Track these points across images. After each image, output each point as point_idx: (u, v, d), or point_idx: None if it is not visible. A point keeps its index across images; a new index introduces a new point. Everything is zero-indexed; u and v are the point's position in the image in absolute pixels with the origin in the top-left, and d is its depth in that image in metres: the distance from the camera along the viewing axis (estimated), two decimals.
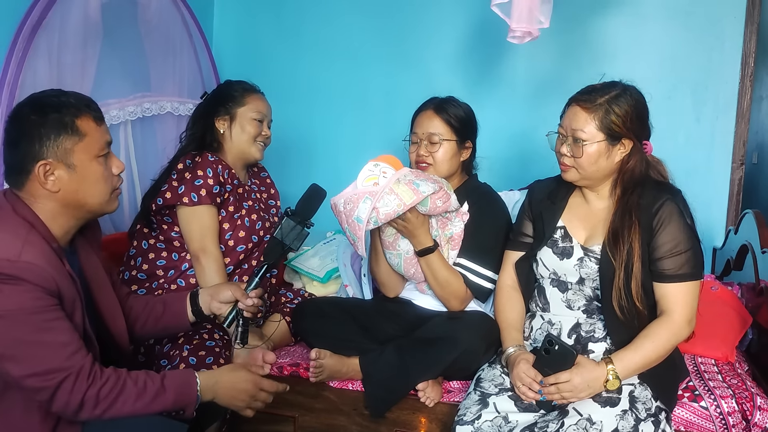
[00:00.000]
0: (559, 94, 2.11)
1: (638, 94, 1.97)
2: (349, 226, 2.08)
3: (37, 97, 1.63)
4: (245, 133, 2.45)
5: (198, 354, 2.14)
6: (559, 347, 1.83)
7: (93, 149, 1.62)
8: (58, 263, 1.57)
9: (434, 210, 2.14)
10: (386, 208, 2.04)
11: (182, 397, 1.64)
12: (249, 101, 2.46)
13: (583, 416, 1.80)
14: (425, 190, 2.07)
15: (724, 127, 3.16)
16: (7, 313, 1.46)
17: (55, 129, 1.57)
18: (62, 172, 1.59)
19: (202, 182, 2.32)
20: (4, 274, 1.45)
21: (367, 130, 3.46)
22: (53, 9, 2.34)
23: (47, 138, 1.56)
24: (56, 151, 1.57)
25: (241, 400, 1.76)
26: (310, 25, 3.57)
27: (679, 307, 1.87)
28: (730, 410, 1.97)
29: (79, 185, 1.61)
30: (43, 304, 1.49)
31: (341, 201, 2.10)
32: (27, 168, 1.57)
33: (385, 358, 2.16)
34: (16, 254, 1.48)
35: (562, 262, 2.03)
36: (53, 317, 1.51)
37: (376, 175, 2.10)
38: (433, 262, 2.20)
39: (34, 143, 1.56)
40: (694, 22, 3.13)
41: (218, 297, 1.91)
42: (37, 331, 1.48)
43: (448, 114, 2.31)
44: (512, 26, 2.49)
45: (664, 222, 1.89)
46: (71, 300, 1.58)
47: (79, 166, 1.60)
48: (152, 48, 2.94)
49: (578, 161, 1.95)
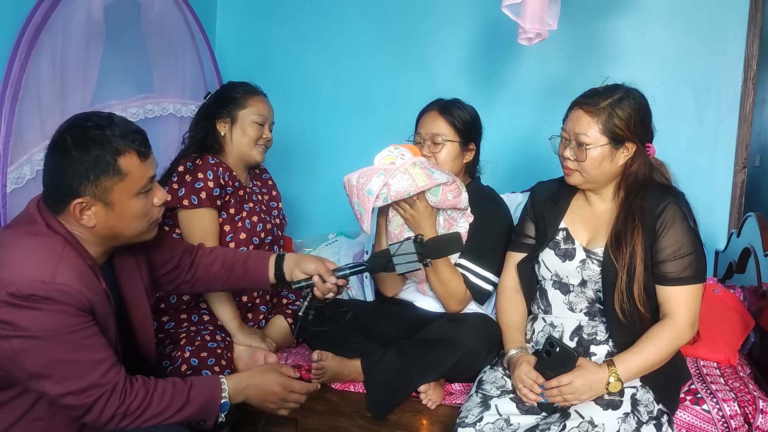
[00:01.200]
0: (562, 97, 2.11)
1: (641, 97, 1.97)
2: (359, 200, 2.08)
3: (81, 126, 1.56)
4: (246, 136, 2.44)
5: (200, 355, 2.14)
6: (560, 349, 1.83)
7: (134, 188, 1.58)
8: (93, 280, 1.57)
9: (444, 202, 2.15)
10: (398, 186, 2.05)
11: (205, 410, 1.65)
12: (250, 104, 2.46)
13: (585, 419, 1.80)
14: (439, 178, 2.10)
15: (727, 130, 3.17)
16: (43, 334, 1.46)
17: (95, 168, 1.52)
18: (99, 209, 1.56)
19: (203, 185, 2.32)
20: (38, 296, 1.45)
21: (370, 131, 3.45)
22: (56, 10, 2.34)
23: (86, 177, 1.52)
24: (94, 190, 1.54)
25: (272, 402, 1.77)
26: (312, 26, 3.58)
27: (682, 310, 1.87)
28: (733, 413, 1.97)
29: (115, 221, 1.59)
30: (77, 322, 1.49)
31: (355, 176, 2.10)
32: (64, 200, 1.55)
33: (387, 360, 2.15)
34: (50, 275, 1.47)
35: (564, 264, 2.03)
36: (88, 334, 1.51)
37: (394, 156, 2.12)
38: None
39: (74, 180, 1.53)
40: (696, 25, 3.13)
41: (302, 266, 1.91)
42: (73, 349, 1.49)
43: (452, 115, 2.31)
44: (526, 27, 2.48)
45: (667, 225, 1.89)
46: (104, 316, 1.59)
47: (117, 204, 1.57)
48: (155, 49, 2.95)
49: (582, 165, 1.95)
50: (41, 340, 1.46)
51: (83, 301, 1.50)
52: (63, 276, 1.48)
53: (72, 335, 1.48)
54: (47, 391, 1.49)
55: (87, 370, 1.50)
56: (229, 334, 2.32)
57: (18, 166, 2.26)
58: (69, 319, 1.48)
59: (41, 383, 1.48)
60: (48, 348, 1.46)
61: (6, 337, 1.45)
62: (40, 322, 1.45)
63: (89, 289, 1.53)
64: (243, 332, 2.31)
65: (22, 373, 1.49)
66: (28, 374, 1.48)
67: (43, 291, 1.45)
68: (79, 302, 1.49)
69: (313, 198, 3.61)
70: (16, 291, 1.44)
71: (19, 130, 2.25)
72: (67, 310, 1.47)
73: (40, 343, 1.46)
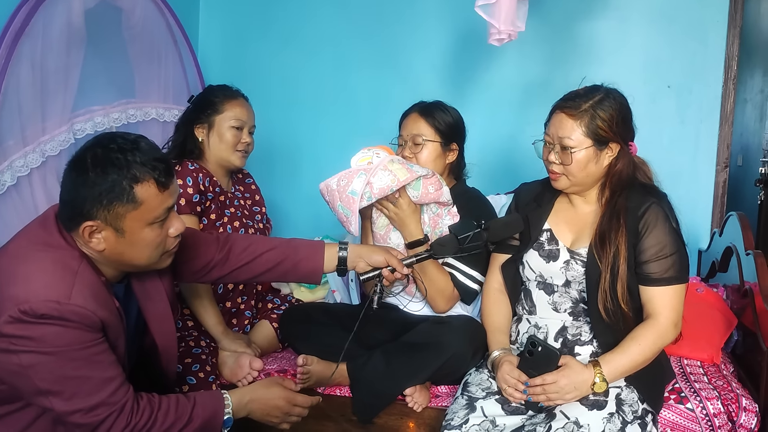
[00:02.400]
0: (544, 98, 2.11)
1: (621, 96, 1.98)
2: (343, 202, 2.09)
3: (105, 147, 1.50)
4: (223, 142, 2.42)
5: (184, 362, 2.13)
6: (542, 348, 1.83)
7: (148, 218, 1.53)
8: (107, 298, 1.54)
9: (426, 196, 2.16)
10: (380, 183, 2.08)
11: (209, 426, 1.63)
12: (227, 108, 2.43)
13: (570, 419, 1.80)
14: (419, 171, 2.14)
15: (708, 130, 3.19)
16: (55, 350, 1.43)
17: (109, 193, 1.47)
18: (109, 234, 1.52)
19: (182, 191, 2.30)
20: (51, 315, 1.42)
21: (353, 135, 3.42)
22: (36, 15, 2.32)
23: (99, 201, 1.48)
24: (106, 215, 1.49)
25: (275, 417, 1.76)
26: (296, 30, 3.57)
27: (665, 311, 1.88)
28: (716, 412, 1.98)
29: (125, 249, 1.55)
30: (89, 339, 1.46)
31: (334, 181, 2.12)
32: (75, 220, 1.51)
33: (372, 364, 2.15)
34: (65, 295, 1.44)
35: (548, 264, 2.03)
36: (99, 351, 1.49)
37: (370, 156, 2.15)
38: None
39: (86, 202, 1.48)
40: (677, 26, 3.16)
41: (370, 259, 1.93)
42: (83, 366, 1.46)
43: (432, 116, 2.32)
44: (500, 28, 2.49)
45: (650, 226, 1.90)
46: (115, 335, 1.56)
47: (128, 232, 1.52)
48: (137, 54, 2.93)
49: (568, 168, 1.95)
50: (52, 355, 1.42)
51: (95, 321, 1.47)
52: (78, 297, 1.45)
53: (83, 351, 1.45)
54: (55, 408, 1.45)
55: (97, 387, 1.47)
56: (213, 340, 2.31)
57: None
58: (81, 335, 1.45)
59: (50, 399, 1.45)
60: (58, 364, 1.43)
61: (15, 352, 1.42)
62: (52, 338, 1.42)
63: (103, 308, 1.50)
64: (228, 337, 2.30)
65: (29, 389, 1.45)
66: (35, 390, 1.44)
67: (57, 312, 1.42)
68: (91, 322, 1.46)
69: (297, 201, 3.60)
70: (29, 309, 1.40)
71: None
72: (78, 327, 1.44)
73: (51, 359, 1.42)
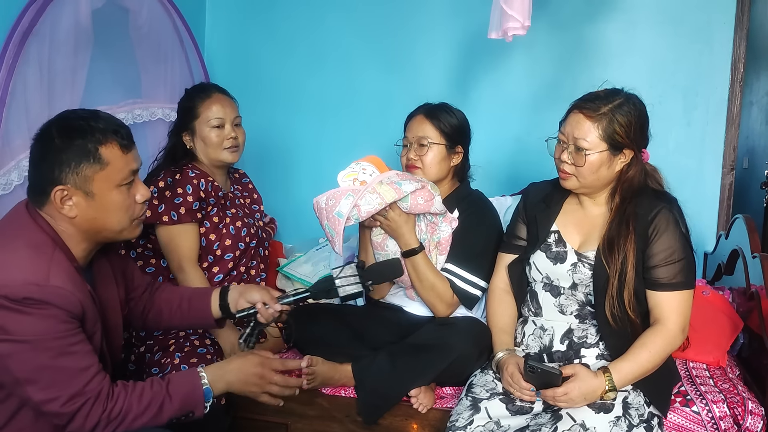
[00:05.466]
0: (551, 101, 2.12)
1: (641, 103, 1.96)
2: (329, 222, 2.12)
3: (67, 118, 1.60)
4: (209, 144, 2.42)
5: (189, 361, 2.13)
6: (541, 371, 1.82)
7: (115, 178, 1.59)
8: (81, 282, 1.57)
9: (415, 207, 2.16)
10: (368, 206, 2.10)
11: (188, 402, 1.64)
12: (202, 110, 2.42)
13: (577, 422, 1.80)
14: (407, 189, 2.13)
15: (715, 133, 3.18)
16: (32, 339, 1.45)
17: (76, 156, 1.54)
18: (80, 198, 1.57)
19: (182, 200, 2.31)
20: (32, 299, 1.44)
21: (358, 136, 3.45)
22: (43, 16, 2.32)
23: (67, 164, 1.54)
24: (75, 178, 1.55)
25: (254, 384, 1.74)
26: (301, 31, 3.57)
27: (673, 316, 1.87)
28: (722, 415, 1.98)
29: (96, 213, 1.59)
30: (66, 328, 1.49)
31: (324, 198, 2.15)
32: (45, 190, 1.56)
33: (377, 365, 2.15)
34: (44, 278, 1.47)
35: (555, 266, 2.03)
36: (75, 341, 1.51)
37: (356, 172, 2.16)
38: (418, 264, 2.20)
39: (54, 168, 1.54)
40: (684, 28, 3.15)
41: (246, 296, 1.91)
42: (59, 355, 1.48)
43: (438, 119, 2.31)
44: (521, 19, 2.38)
45: (660, 230, 1.89)
46: (93, 321, 1.59)
47: (98, 195, 1.58)
48: (143, 54, 2.93)
49: (579, 170, 1.94)
50: (28, 344, 1.45)
51: (76, 303, 1.50)
52: (56, 278, 1.49)
53: (59, 341, 1.48)
54: (31, 397, 1.48)
55: (72, 377, 1.49)
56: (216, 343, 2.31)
57: (5, 172, 2.24)
58: (57, 324, 1.47)
59: (26, 389, 1.47)
60: (35, 353, 1.46)
61: None
62: (29, 326, 1.45)
63: (80, 292, 1.53)
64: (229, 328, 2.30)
65: (8, 379, 1.48)
66: (13, 379, 1.47)
67: (39, 294, 1.45)
68: (72, 305, 1.49)
69: (302, 202, 3.58)
70: (9, 293, 1.43)
71: (6, 136, 2.23)
72: (57, 314, 1.47)
73: (27, 348, 1.45)
